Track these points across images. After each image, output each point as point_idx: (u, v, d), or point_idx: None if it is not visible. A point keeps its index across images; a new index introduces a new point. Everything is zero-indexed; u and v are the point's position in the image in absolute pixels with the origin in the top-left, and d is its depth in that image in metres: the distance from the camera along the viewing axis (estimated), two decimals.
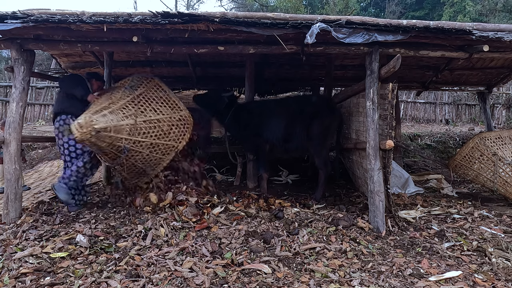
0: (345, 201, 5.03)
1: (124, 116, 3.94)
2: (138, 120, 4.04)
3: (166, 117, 4.29)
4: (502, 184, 5.11)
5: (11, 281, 2.60)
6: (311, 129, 4.94)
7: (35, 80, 12.80)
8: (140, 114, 4.10)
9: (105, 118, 3.72)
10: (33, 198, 5.05)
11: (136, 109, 4.09)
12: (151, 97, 4.33)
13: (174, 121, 4.34)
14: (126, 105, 4.06)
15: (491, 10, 16.89)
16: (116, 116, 3.86)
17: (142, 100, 4.24)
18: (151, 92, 4.37)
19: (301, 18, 3.71)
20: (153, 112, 4.22)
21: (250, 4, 20.70)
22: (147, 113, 4.17)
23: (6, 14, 3.56)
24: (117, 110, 3.93)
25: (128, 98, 4.14)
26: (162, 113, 4.29)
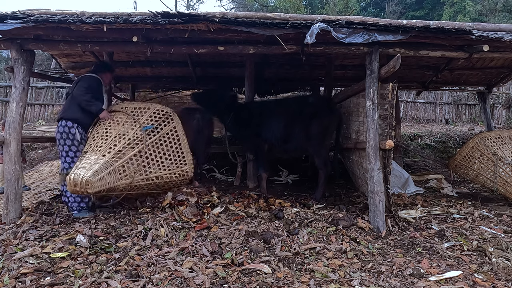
0: (345, 201, 5.03)
1: (123, 176, 3.78)
2: (136, 178, 3.89)
3: (166, 174, 4.14)
4: (502, 184, 5.11)
5: (11, 281, 2.60)
6: (310, 129, 4.94)
7: (35, 80, 12.80)
8: (140, 170, 3.92)
9: (101, 182, 3.54)
10: (33, 198, 5.05)
11: (139, 164, 3.90)
12: (161, 148, 4.11)
13: (173, 177, 4.21)
14: (131, 159, 3.86)
15: (491, 10, 16.89)
16: (113, 177, 3.68)
17: (151, 151, 4.02)
18: (163, 140, 4.14)
19: (301, 18, 3.71)
20: (156, 168, 4.05)
21: (250, 4, 20.70)
22: (149, 169, 4.00)
23: (6, 14, 3.57)
24: (118, 167, 3.74)
25: (136, 149, 3.90)
26: (164, 168, 4.12)
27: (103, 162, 3.66)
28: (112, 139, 3.92)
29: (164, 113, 4.28)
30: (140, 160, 3.93)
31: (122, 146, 3.87)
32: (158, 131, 4.14)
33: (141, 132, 4.02)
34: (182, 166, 4.24)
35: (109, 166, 3.68)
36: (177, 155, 4.21)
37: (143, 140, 3.98)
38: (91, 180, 3.44)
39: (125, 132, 4.01)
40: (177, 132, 4.25)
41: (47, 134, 9.57)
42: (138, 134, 4.00)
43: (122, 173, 3.79)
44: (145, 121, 4.12)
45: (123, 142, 3.91)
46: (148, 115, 4.20)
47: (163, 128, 4.18)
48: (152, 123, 4.14)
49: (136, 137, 3.99)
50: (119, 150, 3.84)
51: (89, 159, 3.69)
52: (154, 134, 4.10)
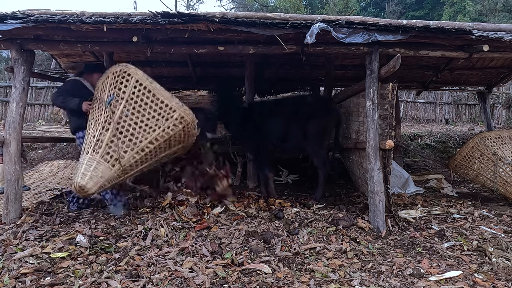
0: (345, 201, 5.03)
1: (112, 162, 3.47)
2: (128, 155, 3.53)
3: (159, 133, 3.63)
4: (502, 183, 5.11)
5: (11, 281, 2.60)
6: (309, 129, 4.94)
7: (35, 80, 12.80)
8: (128, 146, 3.54)
9: (93, 180, 3.36)
10: (33, 198, 5.05)
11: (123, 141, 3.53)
12: (137, 112, 3.60)
13: (170, 131, 3.68)
14: (112, 141, 3.50)
15: (491, 10, 16.89)
16: (103, 169, 3.42)
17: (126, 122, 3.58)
18: (133, 103, 3.61)
19: (301, 18, 3.70)
20: (143, 134, 3.59)
21: (250, 4, 20.70)
22: (136, 140, 3.57)
23: (6, 14, 3.56)
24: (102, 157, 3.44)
25: (111, 130, 3.53)
26: (153, 129, 3.61)
27: (87, 160, 3.45)
28: (91, 131, 3.67)
29: (119, 74, 3.67)
30: (122, 136, 3.53)
31: (99, 133, 3.55)
32: (122, 97, 3.60)
33: (107, 108, 3.59)
34: (172, 114, 3.63)
35: (92, 162, 3.42)
36: (158, 108, 3.62)
37: (112, 115, 3.54)
38: (82, 184, 3.32)
39: (98, 116, 3.68)
40: (143, 84, 3.61)
41: (47, 134, 9.58)
42: (107, 112, 3.58)
43: (110, 159, 3.45)
44: (107, 95, 3.68)
45: (98, 128, 3.58)
46: (109, 84, 3.71)
47: (125, 90, 3.61)
48: (112, 92, 3.65)
49: (106, 117, 3.59)
50: (97, 139, 3.53)
51: (80, 162, 3.56)
52: (120, 102, 3.58)
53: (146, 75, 3.68)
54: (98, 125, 3.62)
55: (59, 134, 10.14)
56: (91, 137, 3.62)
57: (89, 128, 3.76)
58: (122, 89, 3.64)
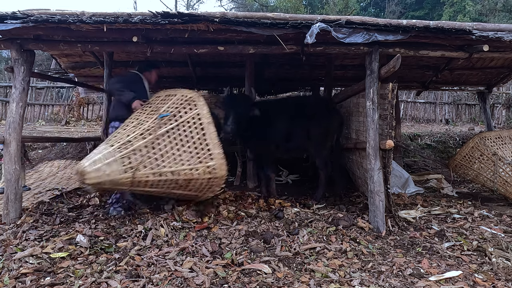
0: (345, 201, 5.03)
1: (127, 168, 3.34)
2: (144, 172, 3.39)
3: (184, 169, 3.50)
4: (502, 183, 5.11)
5: (11, 281, 2.60)
6: (312, 130, 4.94)
7: (35, 80, 12.80)
8: (151, 164, 3.42)
9: (99, 173, 3.22)
10: (33, 198, 5.04)
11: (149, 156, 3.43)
12: (178, 139, 3.55)
13: (195, 173, 3.55)
14: (140, 150, 3.42)
15: (491, 10, 16.89)
16: (115, 168, 3.30)
17: (165, 141, 3.52)
18: (182, 130, 3.58)
19: (301, 18, 3.70)
20: (171, 161, 3.49)
21: (250, 4, 20.70)
22: (161, 163, 3.46)
23: (6, 14, 3.56)
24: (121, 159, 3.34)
25: (147, 139, 3.47)
26: (182, 163, 3.51)
27: (106, 152, 3.35)
28: (128, 129, 3.63)
29: (187, 99, 3.69)
30: (152, 151, 3.45)
31: (134, 136, 3.49)
32: (177, 120, 3.58)
33: (157, 120, 3.57)
34: (208, 162, 3.54)
35: (110, 157, 3.32)
36: (199, 147, 3.55)
37: (157, 129, 3.51)
38: (86, 170, 3.19)
39: (144, 121, 3.66)
40: (201, 120, 3.59)
41: (47, 134, 9.57)
42: (154, 123, 3.56)
43: (126, 164, 3.34)
44: (166, 109, 3.65)
45: (136, 132, 3.54)
46: (172, 102, 3.72)
47: (183, 115, 3.60)
48: (172, 110, 3.63)
49: (150, 127, 3.55)
50: (128, 140, 3.46)
51: (98, 149, 3.47)
52: (172, 123, 3.57)
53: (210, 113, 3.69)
54: (138, 129, 3.58)
55: (59, 134, 10.14)
56: (123, 135, 3.56)
57: (127, 125, 3.74)
58: (181, 113, 3.64)
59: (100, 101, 12.54)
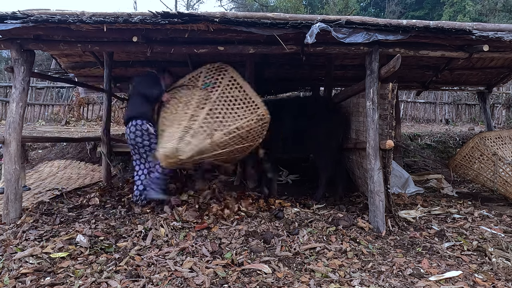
0: (345, 201, 5.03)
1: (205, 135, 3.81)
2: (218, 134, 3.87)
3: (244, 122, 4.02)
4: (502, 184, 5.11)
5: (11, 281, 2.60)
6: (314, 130, 4.93)
7: (35, 80, 12.80)
8: (219, 126, 3.92)
9: (189, 146, 3.68)
10: (33, 198, 5.04)
11: (215, 121, 3.92)
12: (228, 100, 4.09)
13: (252, 123, 4.08)
14: (206, 119, 3.90)
15: (491, 10, 16.89)
16: (198, 139, 3.77)
17: (220, 105, 4.03)
18: (227, 92, 4.13)
19: (301, 18, 3.70)
20: (232, 119, 4.00)
21: (250, 4, 20.71)
22: (226, 123, 3.97)
23: (6, 14, 3.56)
24: (198, 129, 3.81)
25: (206, 108, 3.97)
26: (240, 118, 4.03)
27: (182, 128, 3.79)
28: (181, 110, 4.03)
29: (216, 67, 4.30)
30: (214, 116, 3.95)
31: (193, 110, 3.95)
32: (218, 85, 4.14)
33: (203, 91, 4.07)
34: (257, 110, 4.10)
35: (189, 130, 3.78)
36: (246, 101, 4.12)
37: (208, 98, 4.02)
38: (180, 147, 3.60)
39: (190, 99, 4.09)
40: (236, 80, 4.20)
41: (47, 134, 9.57)
42: (201, 95, 4.06)
43: (203, 133, 3.81)
44: (202, 82, 4.19)
45: (191, 107, 3.99)
46: (203, 76, 4.27)
47: (222, 81, 4.19)
48: (210, 80, 4.18)
49: (201, 98, 4.04)
50: (192, 114, 3.92)
51: (169, 133, 3.86)
52: (216, 89, 4.11)
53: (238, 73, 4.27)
54: (191, 105, 4.03)
55: (59, 134, 10.14)
56: (181, 114, 3.98)
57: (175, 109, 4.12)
58: (219, 79, 4.22)
59: (100, 101, 12.54)
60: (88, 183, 6.20)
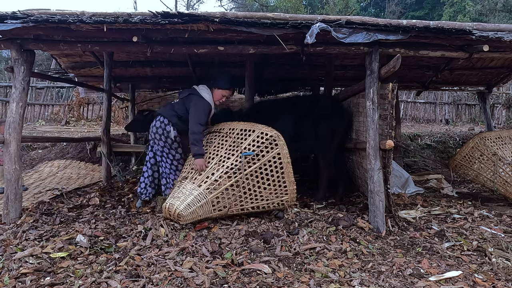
0: (345, 201, 5.03)
1: (217, 207, 3.70)
2: (230, 209, 3.76)
3: (263, 204, 3.88)
4: (502, 184, 5.11)
5: (11, 281, 2.60)
6: (320, 130, 4.92)
7: (35, 80, 12.81)
8: (235, 202, 3.73)
9: (193, 215, 3.62)
10: (33, 198, 5.05)
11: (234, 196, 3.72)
12: (260, 179, 3.78)
13: (271, 206, 3.96)
14: (226, 190, 3.68)
15: (491, 10, 16.90)
16: (206, 209, 3.66)
17: (249, 180, 3.75)
18: (265, 170, 3.79)
19: (301, 18, 3.70)
20: (254, 199, 3.81)
21: (250, 4, 20.71)
22: (245, 200, 3.79)
23: (6, 14, 3.56)
24: (212, 199, 3.64)
25: (233, 180, 3.70)
26: (261, 199, 3.84)
27: (197, 194, 3.64)
28: (212, 166, 3.81)
29: (268, 137, 3.83)
30: (237, 190, 3.72)
31: (219, 175, 3.71)
32: (259, 159, 3.78)
33: (240, 159, 3.75)
34: (282, 196, 3.91)
35: (202, 199, 3.63)
36: (277, 185, 3.85)
37: (241, 169, 3.72)
38: (182, 214, 3.57)
39: (225, 158, 3.82)
40: (281, 159, 3.82)
41: (47, 134, 9.58)
42: (238, 162, 3.75)
43: (215, 204, 3.68)
44: (246, 147, 3.80)
45: (220, 170, 3.73)
46: (251, 139, 3.84)
47: (265, 155, 3.79)
48: (254, 149, 3.79)
49: (234, 165, 3.75)
50: (215, 180, 3.70)
51: (185, 189, 3.75)
52: (254, 162, 3.77)
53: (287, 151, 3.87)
54: (221, 166, 3.77)
55: (59, 134, 10.15)
56: (208, 173, 3.78)
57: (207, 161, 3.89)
58: (263, 152, 3.81)
59: (100, 101, 12.55)
60: (88, 183, 6.21)
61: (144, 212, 4.09)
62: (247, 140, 3.85)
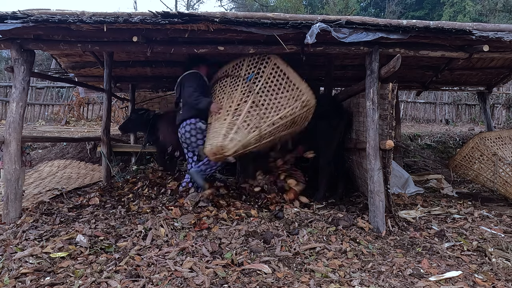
0: (345, 201, 5.03)
1: (249, 130, 3.88)
2: (262, 126, 3.93)
3: (288, 111, 4.02)
4: (502, 184, 5.11)
5: (11, 281, 2.59)
6: (319, 129, 4.92)
7: (35, 80, 12.81)
8: (262, 118, 3.94)
9: (233, 142, 3.78)
10: (33, 198, 5.05)
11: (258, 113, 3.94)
12: (271, 90, 4.05)
13: (297, 111, 4.08)
14: (249, 112, 3.92)
15: (491, 10, 16.91)
16: (242, 134, 3.85)
17: (263, 97, 4.01)
18: (270, 82, 4.07)
19: (301, 18, 3.70)
20: (276, 109, 4.00)
21: (250, 4, 20.72)
22: (269, 114, 3.98)
23: (6, 14, 3.56)
24: (241, 124, 3.88)
25: (249, 101, 3.97)
26: (284, 107, 4.03)
27: (226, 124, 3.88)
28: (226, 103, 4.09)
29: (258, 58, 4.22)
30: (258, 109, 3.96)
31: (236, 104, 3.99)
32: (261, 75, 4.10)
33: (246, 84, 4.06)
34: (301, 97, 4.08)
35: (233, 126, 3.85)
36: (290, 89, 4.07)
37: (251, 90, 4.02)
38: (224, 144, 3.74)
39: (233, 90, 4.13)
40: (279, 67, 4.12)
41: (47, 134, 9.58)
42: (245, 86, 4.06)
43: (247, 127, 3.88)
44: (245, 73, 4.16)
45: (235, 100, 4.03)
46: (246, 65, 4.22)
47: (264, 70, 4.12)
48: (252, 71, 4.14)
49: (244, 90, 4.05)
50: (235, 108, 3.97)
51: (214, 128, 3.99)
52: (259, 80, 4.07)
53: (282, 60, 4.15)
54: (234, 98, 4.06)
55: (59, 134, 10.15)
56: (225, 108, 4.04)
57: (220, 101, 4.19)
58: (261, 69, 4.13)
59: (100, 101, 12.55)
60: (88, 183, 6.21)
61: (144, 212, 4.09)
62: (243, 68, 4.23)
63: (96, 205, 4.50)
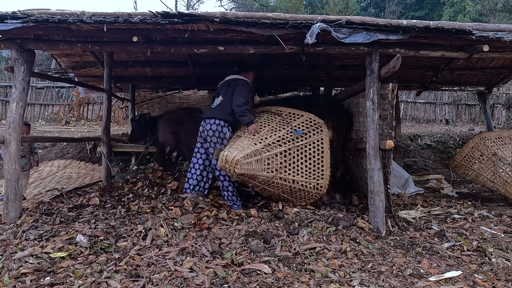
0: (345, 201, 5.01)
1: (267, 167, 3.96)
2: (277, 174, 4.01)
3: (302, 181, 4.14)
4: (502, 184, 5.11)
5: (11, 281, 2.59)
6: None
7: (35, 80, 12.80)
8: (281, 169, 4.03)
9: (248, 166, 3.83)
10: (33, 198, 5.05)
11: (282, 163, 4.03)
12: (305, 156, 4.18)
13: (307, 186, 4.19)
14: (277, 155, 4.02)
15: (491, 10, 16.91)
16: (260, 166, 3.91)
17: (295, 154, 4.13)
18: (308, 149, 4.21)
19: (301, 18, 3.70)
20: (296, 172, 4.10)
21: (250, 4, 20.72)
22: (289, 171, 4.08)
23: (6, 14, 3.56)
24: (265, 158, 3.95)
25: (283, 148, 4.08)
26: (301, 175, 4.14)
27: (254, 149, 3.93)
28: (264, 132, 4.17)
29: (315, 123, 4.37)
30: (285, 159, 4.06)
31: (272, 141, 4.09)
32: (306, 138, 4.24)
33: (291, 133, 4.19)
34: (318, 179, 4.22)
35: (258, 155, 3.92)
36: (316, 166, 4.22)
37: (292, 141, 4.15)
38: (240, 161, 3.76)
39: (276, 129, 4.23)
40: (323, 144, 4.28)
41: (47, 134, 9.58)
42: (288, 134, 4.18)
43: (266, 165, 3.96)
44: (297, 125, 4.28)
45: (273, 137, 4.12)
46: (301, 121, 4.35)
47: (311, 136, 4.27)
48: (303, 129, 4.27)
49: (285, 136, 4.16)
50: (269, 143, 4.05)
51: (242, 143, 4.01)
52: (302, 140, 4.21)
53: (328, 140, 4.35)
54: (273, 135, 4.16)
55: (59, 134, 10.15)
56: (261, 136, 4.13)
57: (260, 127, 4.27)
58: (310, 133, 4.29)
59: (100, 101, 12.55)
60: (88, 183, 6.21)
61: (144, 212, 4.09)
62: (297, 121, 4.34)
63: (96, 205, 4.50)
